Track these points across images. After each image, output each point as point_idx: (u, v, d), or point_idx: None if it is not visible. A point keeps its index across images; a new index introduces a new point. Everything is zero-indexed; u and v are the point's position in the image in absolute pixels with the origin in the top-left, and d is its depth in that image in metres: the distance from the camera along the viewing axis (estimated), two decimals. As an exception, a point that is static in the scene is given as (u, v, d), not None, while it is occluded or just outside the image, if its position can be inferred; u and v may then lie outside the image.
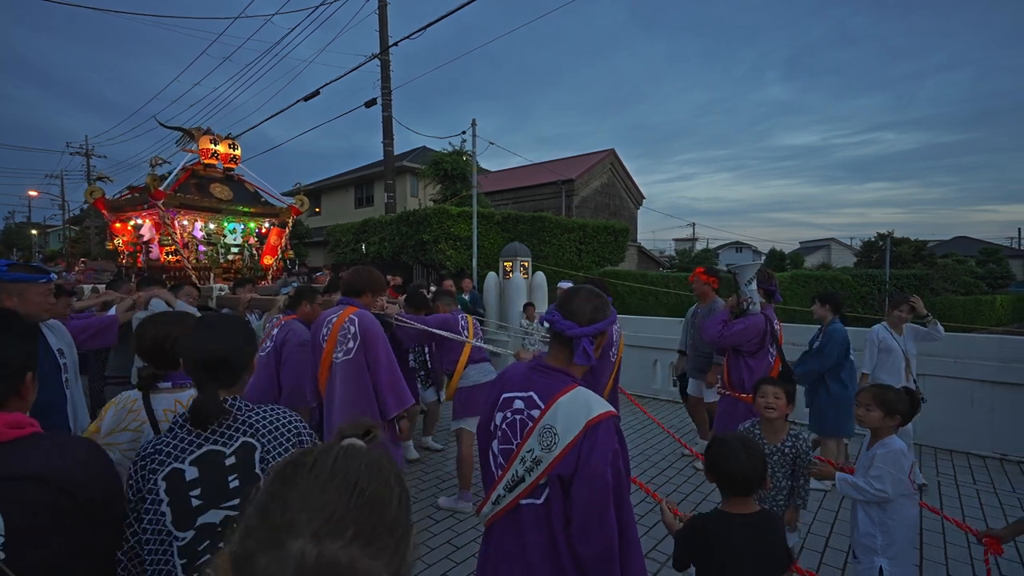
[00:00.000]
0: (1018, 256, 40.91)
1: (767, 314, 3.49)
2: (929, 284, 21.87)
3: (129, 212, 6.15)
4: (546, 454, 1.37)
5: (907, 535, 2.21)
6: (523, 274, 8.83)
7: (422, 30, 11.69)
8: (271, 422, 1.34)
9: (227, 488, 1.26)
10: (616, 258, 15.57)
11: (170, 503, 1.22)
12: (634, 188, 24.15)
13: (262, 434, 1.31)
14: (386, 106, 14.33)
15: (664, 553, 3.13)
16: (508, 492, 1.44)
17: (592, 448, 1.34)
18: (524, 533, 1.41)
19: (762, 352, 3.46)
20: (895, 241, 29.97)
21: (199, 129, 6.36)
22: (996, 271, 31.11)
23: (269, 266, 6.80)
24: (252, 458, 1.29)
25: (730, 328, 3.43)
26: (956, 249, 37.62)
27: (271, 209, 6.82)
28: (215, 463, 1.26)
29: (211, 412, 1.26)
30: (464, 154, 14.07)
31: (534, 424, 1.42)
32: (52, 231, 47.50)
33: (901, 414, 2.25)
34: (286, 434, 1.34)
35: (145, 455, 1.26)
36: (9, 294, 2.17)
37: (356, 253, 14.38)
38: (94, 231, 29.29)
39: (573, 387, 1.44)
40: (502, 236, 12.50)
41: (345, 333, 2.84)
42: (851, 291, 18.44)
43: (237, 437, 1.29)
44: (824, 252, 47.35)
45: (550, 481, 1.38)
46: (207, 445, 1.27)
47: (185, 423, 1.28)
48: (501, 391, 1.57)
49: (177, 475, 1.24)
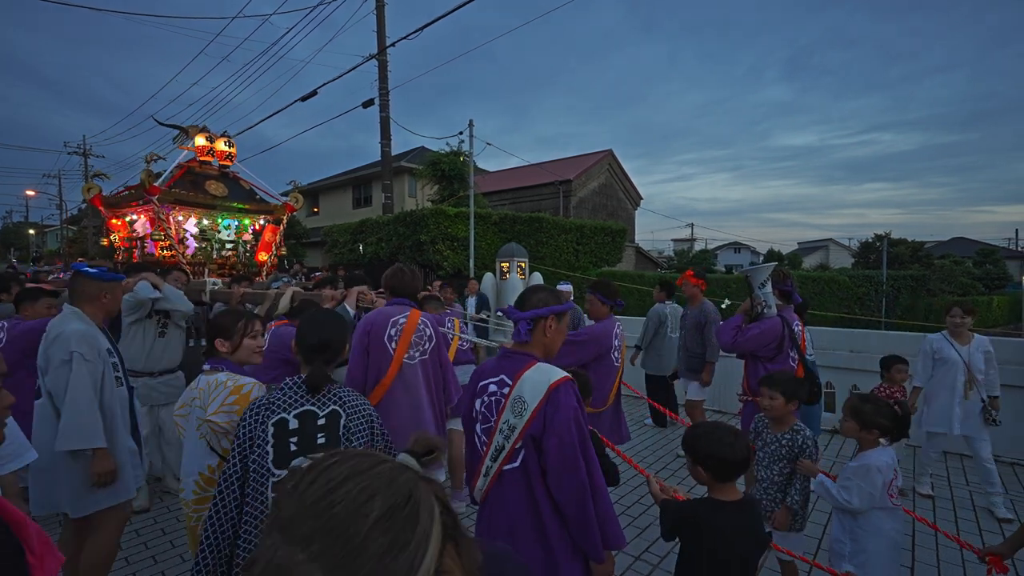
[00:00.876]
0: (1015, 257, 41.01)
1: (785, 316, 3.28)
2: (926, 285, 21.92)
3: (125, 208, 6.17)
4: (519, 420, 1.60)
5: (880, 547, 2.17)
6: (520, 275, 8.83)
7: (420, 30, 11.68)
8: (356, 400, 1.73)
9: (315, 442, 1.60)
10: (613, 259, 15.58)
11: (274, 445, 1.57)
12: (632, 189, 24.17)
13: (348, 407, 1.68)
14: (384, 106, 14.32)
15: (656, 555, 3.13)
16: (493, 462, 1.65)
17: (556, 408, 1.57)
18: (507, 494, 1.63)
19: (781, 356, 3.23)
20: (892, 242, 30.04)
21: (195, 127, 6.39)
22: (993, 272, 31.19)
23: (264, 262, 6.83)
24: (338, 423, 1.65)
25: (744, 334, 3.27)
26: (954, 250, 37.73)
27: (266, 206, 6.84)
28: (311, 420, 1.62)
29: (321, 381, 1.64)
30: (462, 154, 14.07)
31: (506, 399, 1.64)
32: (50, 231, 47.41)
33: (879, 428, 2.19)
34: (365, 412, 1.72)
35: (259, 405, 1.62)
36: (104, 292, 2.48)
37: (353, 253, 14.36)
38: (92, 231, 29.25)
39: (534, 363, 1.68)
40: (499, 237, 12.50)
41: (420, 335, 2.91)
42: (848, 292, 18.48)
43: (329, 405, 1.66)
44: (822, 253, 47.44)
45: (524, 443, 1.59)
46: (307, 405, 1.63)
47: (294, 386, 1.66)
48: (477, 381, 1.79)
49: (283, 423, 1.59)
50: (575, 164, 22.23)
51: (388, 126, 14.49)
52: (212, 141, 6.40)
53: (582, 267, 14.03)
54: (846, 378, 5.60)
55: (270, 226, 6.87)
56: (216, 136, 6.49)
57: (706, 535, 1.66)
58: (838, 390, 5.67)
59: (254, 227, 6.77)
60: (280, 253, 7.19)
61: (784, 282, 3.43)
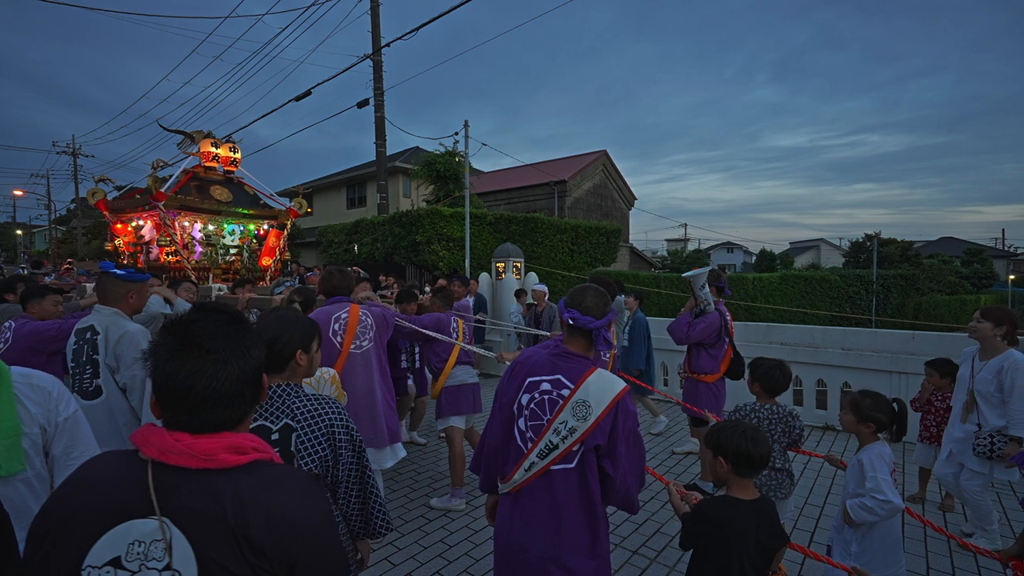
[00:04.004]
0: (1002, 256, 41.63)
1: (720, 309, 4.01)
2: (915, 284, 22.20)
3: (130, 213, 6.20)
4: (581, 423, 1.62)
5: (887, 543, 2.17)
6: (515, 275, 8.88)
7: (414, 31, 11.69)
8: (310, 411, 1.55)
9: None
10: (608, 259, 15.66)
11: None
12: (626, 189, 24.29)
13: (299, 420, 1.53)
14: (378, 107, 14.31)
15: (653, 549, 3.18)
16: (541, 459, 1.66)
17: (626, 416, 1.66)
18: (556, 492, 1.65)
19: (720, 343, 4.02)
20: (882, 242, 30.40)
21: (200, 132, 6.43)
22: (980, 271, 31.65)
23: (267, 267, 6.89)
24: (290, 438, 1.51)
25: (694, 328, 3.95)
26: (942, 249, 38.22)
27: (270, 211, 6.90)
28: (263, 436, 1.48)
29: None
30: (457, 155, 14.08)
31: (565, 401, 1.66)
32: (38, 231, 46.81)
33: (876, 423, 2.20)
34: (320, 423, 1.55)
35: None
36: (131, 292, 2.61)
37: (348, 254, 14.34)
38: (81, 231, 28.91)
39: (595, 369, 1.70)
40: (495, 237, 12.53)
41: (364, 326, 3.14)
42: (839, 291, 18.68)
43: (282, 419, 1.53)
44: (814, 252, 47.89)
45: (584, 447, 1.64)
46: (259, 420, 1.52)
47: None
48: (526, 376, 1.76)
49: None
50: (570, 164, 22.31)
51: (383, 126, 14.49)
52: (217, 147, 6.45)
53: (577, 267, 14.09)
54: (838, 376, 5.69)
55: (274, 231, 6.97)
56: (221, 142, 6.54)
57: (725, 533, 1.65)
58: (829, 388, 5.75)
59: (258, 232, 6.85)
60: (284, 258, 7.26)
61: (718, 280, 4.15)
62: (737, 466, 1.73)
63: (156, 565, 0.81)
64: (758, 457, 1.72)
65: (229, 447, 0.89)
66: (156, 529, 0.82)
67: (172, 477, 0.85)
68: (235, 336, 0.95)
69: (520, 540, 1.68)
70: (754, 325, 7.03)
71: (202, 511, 0.83)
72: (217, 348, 0.91)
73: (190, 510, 0.83)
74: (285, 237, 7.05)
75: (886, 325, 16.94)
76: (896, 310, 20.09)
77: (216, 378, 0.89)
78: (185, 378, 0.88)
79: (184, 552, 0.82)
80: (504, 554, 1.74)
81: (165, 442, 0.86)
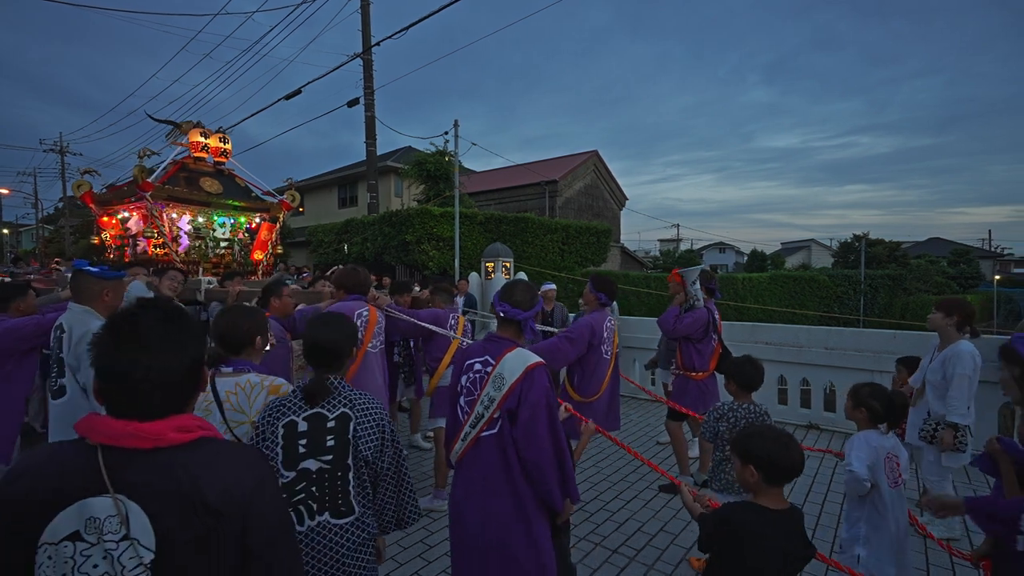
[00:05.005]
0: (988, 257, 42.22)
1: (709, 307, 4.13)
2: (902, 284, 22.47)
3: (116, 205, 6.04)
4: (498, 392, 1.87)
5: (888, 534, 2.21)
6: (505, 274, 8.88)
7: (405, 30, 11.66)
8: (365, 402, 1.70)
9: (325, 444, 1.61)
10: (599, 259, 15.70)
11: (283, 447, 1.59)
12: (617, 189, 24.36)
13: (358, 409, 1.67)
14: (369, 106, 14.26)
15: (633, 548, 3.20)
16: (472, 428, 1.91)
17: (531, 386, 1.84)
18: (482, 456, 1.90)
19: (707, 339, 4.12)
20: (870, 242, 30.73)
21: (189, 123, 6.26)
22: (967, 271, 32.10)
23: (259, 261, 6.73)
24: (348, 426, 1.64)
25: (682, 321, 4.04)
26: (930, 250, 38.72)
27: (261, 204, 6.74)
28: (320, 422, 1.62)
29: (320, 392, 1.64)
30: (447, 154, 14.07)
31: (488, 376, 1.91)
32: (25, 230, 46.15)
33: (869, 409, 2.31)
34: (374, 414, 1.69)
35: (272, 407, 1.65)
36: (106, 290, 2.60)
37: (339, 253, 14.27)
38: (69, 230, 28.55)
39: (514, 347, 1.96)
40: (485, 237, 12.53)
41: (380, 327, 3.25)
42: (828, 291, 18.85)
43: (339, 407, 1.65)
44: (804, 253, 48.29)
45: (502, 414, 1.87)
46: (316, 407, 1.64)
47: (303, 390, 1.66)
48: (464, 360, 2.05)
49: (292, 425, 1.61)
50: (560, 165, 22.35)
51: (373, 125, 14.43)
52: (207, 137, 6.28)
53: (567, 267, 14.12)
54: (822, 375, 5.74)
55: (266, 224, 6.77)
56: (211, 132, 6.38)
57: (746, 542, 1.57)
58: (813, 387, 5.80)
59: (250, 225, 6.67)
60: (277, 252, 7.11)
61: (710, 281, 4.27)
62: (769, 474, 1.64)
63: (113, 537, 0.86)
64: (792, 465, 1.63)
65: (176, 427, 0.95)
66: (111, 505, 0.87)
67: (122, 458, 0.91)
68: (172, 330, 1.00)
69: (460, 504, 1.93)
70: (740, 325, 7.07)
71: (155, 485, 0.90)
72: (153, 341, 0.96)
73: (144, 485, 0.89)
74: (278, 231, 6.90)
75: (873, 325, 17.12)
76: (883, 310, 20.32)
77: (151, 368, 0.94)
78: (123, 368, 0.93)
79: (141, 523, 0.88)
80: (452, 519, 1.98)
81: (112, 428, 0.92)
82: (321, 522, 1.58)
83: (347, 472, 1.62)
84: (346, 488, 1.62)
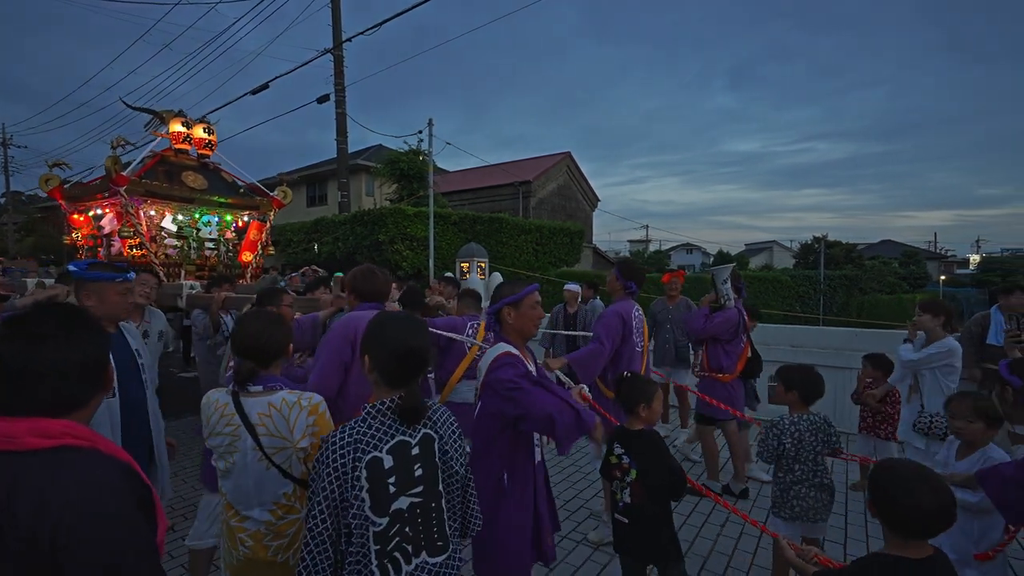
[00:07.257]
0: (934, 258, 44.87)
1: (738, 307, 3.98)
2: (858, 284, 23.53)
3: (89, 202, 5.51)
4: (479, 379, 2.14)
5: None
6: (480, 275, 8.85)
7: (377, 26, 11.48)
8: (445, 417, 1.48)
9: (413, 476, 1.36)
10: (572, 259, 15.85)
11: (370, 490, 1.29)
12: (589, 190, 24.65)
13: (440, 427, 1.44)
14: (339, 103, 13.97)
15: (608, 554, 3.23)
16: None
17: (492, 372, 2.03)
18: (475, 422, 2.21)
19: (736, 340, 3.97)
20: (828, 244, 32.10)
21: (171, 112, 5.74)
22: (916, 272, 33.96)
23: (248, 263, 6.20)
24: (433, 448, 1.41)
25: (712, 320, 3.91)
26: (882, 252, 40.77)
27: (250, 201, 6.18)
28: (404, 452, 1.36)
29: (421, 408, 1.37)
30: (421, 153, 13.93)
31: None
32: (-38, 227, 43.14)
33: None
34: (455, 429, 1.49)
35: (344, 444, 1.30)
36: (89, 293, 2.21)
37: (308, 253, 13.92)
38: (12, 227, 26.86)
39: (497, 343, 2.16)
40: (459, 237, 12.46)
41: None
42: (790, 291, 19.57)
43: (420, 429, 1.40)
44: (767, 254, 50.06)
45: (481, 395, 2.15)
46: (398, 436, 1.36)
47: (378, 414, 1.36)
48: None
49: (376, 463, 1.31)
50: (534, 165, 22.45)
51: (344, 123, 14.15)
52: (189, 127, 5.75)
53: (541, 267, 14.20)
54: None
55: (255, 223, 6.23)
56: (193, 122, 5.83)
57: None
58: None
59: (237, 224, 6.13)
60: (268, 252, 6.55)
61: (737, 280, 4.12)
62: (910, 531, 1.36)
63: None
64: (944, 520, 1.33)
65: (35, 431, 0.88)
66: None
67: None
68: (66, 327, 0.98)
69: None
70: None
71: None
72: (43, 333, 0.94)
73: None
74: (268, 230, 6.33)
75: (832, 323, 17.88)
76: (841, 309, 21.25)
77: (31, 359, 0.91)
78: (6, 357, 0.91)
79: None
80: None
81: None
82: (419, 564, 1.36)
83: (439, 500, 1.41)
84: (441, 519, 1.41)
